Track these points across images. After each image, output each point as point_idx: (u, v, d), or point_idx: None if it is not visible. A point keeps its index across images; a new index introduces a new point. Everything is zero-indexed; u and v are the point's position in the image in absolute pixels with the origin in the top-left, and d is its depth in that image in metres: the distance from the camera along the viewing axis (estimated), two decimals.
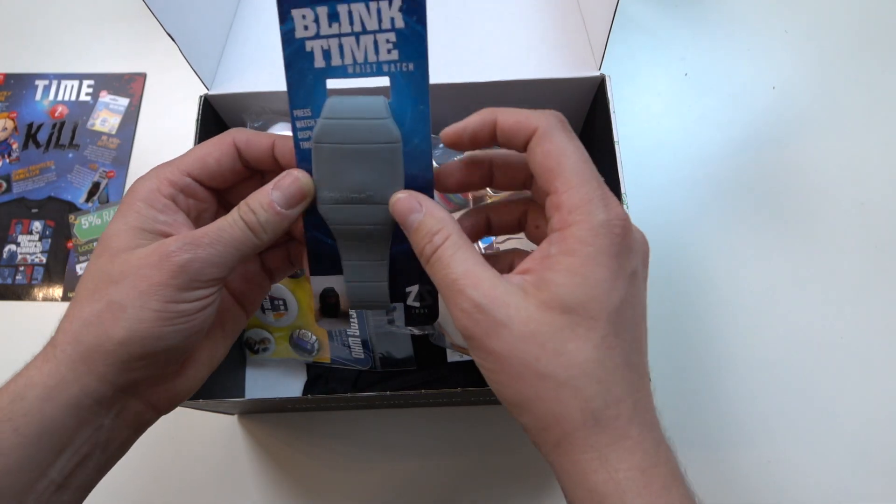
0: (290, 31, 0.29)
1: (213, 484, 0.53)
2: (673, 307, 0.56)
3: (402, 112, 0.30)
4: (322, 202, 0.31)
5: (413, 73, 0.30)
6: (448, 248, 0.28)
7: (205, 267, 0.28)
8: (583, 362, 0.26)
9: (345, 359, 0.54)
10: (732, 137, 0.64)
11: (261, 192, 0.30)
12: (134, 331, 0.27)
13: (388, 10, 0.28)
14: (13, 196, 0.64)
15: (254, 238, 0.30)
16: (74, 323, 0.28)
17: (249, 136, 0.32)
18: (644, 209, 0.59)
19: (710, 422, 0.53)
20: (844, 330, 0.55)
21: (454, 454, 0.53)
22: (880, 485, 0.50)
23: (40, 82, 0.69)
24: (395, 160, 0.30)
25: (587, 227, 0.26)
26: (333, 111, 0.30)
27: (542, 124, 0.29)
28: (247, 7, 0.55)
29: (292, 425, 0.54)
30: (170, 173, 0.31)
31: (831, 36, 0.68)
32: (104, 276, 0.28)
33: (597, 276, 0.26)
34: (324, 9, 0.28)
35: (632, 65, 0.67)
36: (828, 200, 0.60)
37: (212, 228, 0.29)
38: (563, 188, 0.27)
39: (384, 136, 0.30)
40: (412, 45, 0.29)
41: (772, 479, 0.51)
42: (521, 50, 0.50)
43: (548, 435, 0.26)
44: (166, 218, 0.30)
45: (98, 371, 0.27)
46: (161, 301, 0.27)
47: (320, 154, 0.30)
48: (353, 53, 0.29)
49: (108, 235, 0.29)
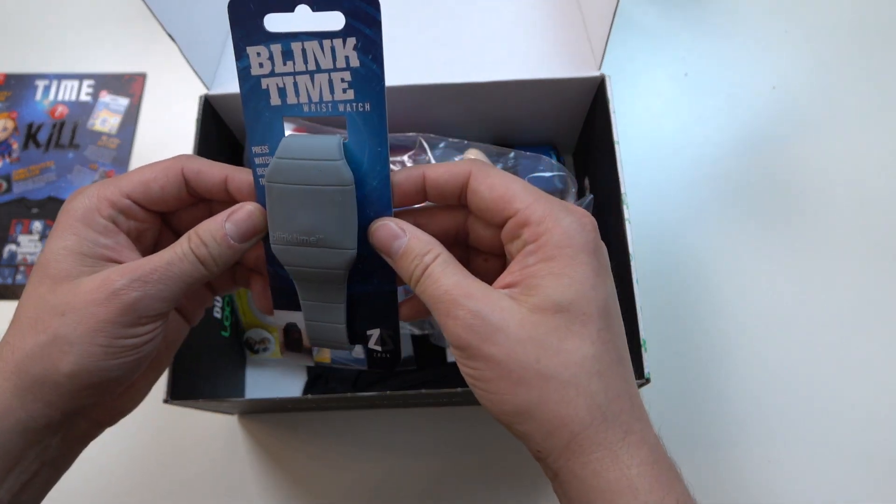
0: (245, 68, 0.29)
1: (213, 484, 0.53)
2: (673, 307, 0.56)
3: (360, 153, 0.29)
4: (274, 242, 0.30)
5: (370, 114, 0.29)
6: (438, 265, 0.28)
7: (153, 303, 0.28)
8: (582, 359, 0.26)
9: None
10: (732, 137, 0.64)
11: (213, 224, 0.29)
12: (81, 365, 0.27)
13: (343, 49, 0.28)
14: (13, 196, 0.64)
15: (203, 270, 0.29)
16: (17, 353, 0.27)
17: (201, 166, 0.31)
18: (644, 209, 0.59)
19: (709, 422, 0.53)
20: (844, 330, 0.55)
21: (454, 454, 0.53)
22: (880, 485, 0.50)
23: (40, 82, 0.69)
24: (347, 204, 0.29)
25: (560, 232, 0.27)
26: (287, 151, 0.29)
27: (473, 167, 0.29)
28: None
29: (292, 425, 0.54)
30: (110, 193, 0.30)
31: (831, 36, 0.68)
32: (47, 306, 0.27)
33: (581, 274, 0.26)
34: (278, 46, 0.28)
35: (632, 65, 0.67)
36: (828, 200, 0.60)
37: (160, 262, 0.28)
38: (523, 206, 0.27)
39: (335, 179, 0.29)
40: (368, 85, 0.28)
41: (772, 479, 0.51)
42: (521, 50, 0.50)
43: (554, 440, 0.26)
44: (107, 241, 0.29)
45: (45, 399, 0.27)
46: (108, 337, 0.27)
47: (272, 193, 0.29)
48: (309, 92, 0.29)
49: (46, 259, 0.28)
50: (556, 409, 0.25)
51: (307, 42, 0.28)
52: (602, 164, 0.48)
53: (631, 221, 0.42)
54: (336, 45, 0.28)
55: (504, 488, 0.51)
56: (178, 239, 0.29)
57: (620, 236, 0.43)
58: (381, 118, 0.29)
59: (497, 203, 0.28)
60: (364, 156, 0.29)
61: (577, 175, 0.59)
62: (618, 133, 0.45)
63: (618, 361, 0.27)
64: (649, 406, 0.28)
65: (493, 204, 0.28)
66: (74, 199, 0.30)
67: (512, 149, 0.51)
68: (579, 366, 0.26)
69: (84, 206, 0.29)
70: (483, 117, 0.53)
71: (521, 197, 0.28)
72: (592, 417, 0.25)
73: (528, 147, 0.53)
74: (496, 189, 0.28)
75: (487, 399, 0.27)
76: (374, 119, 0.29)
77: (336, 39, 0.28)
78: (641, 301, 0.40)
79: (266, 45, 0.28)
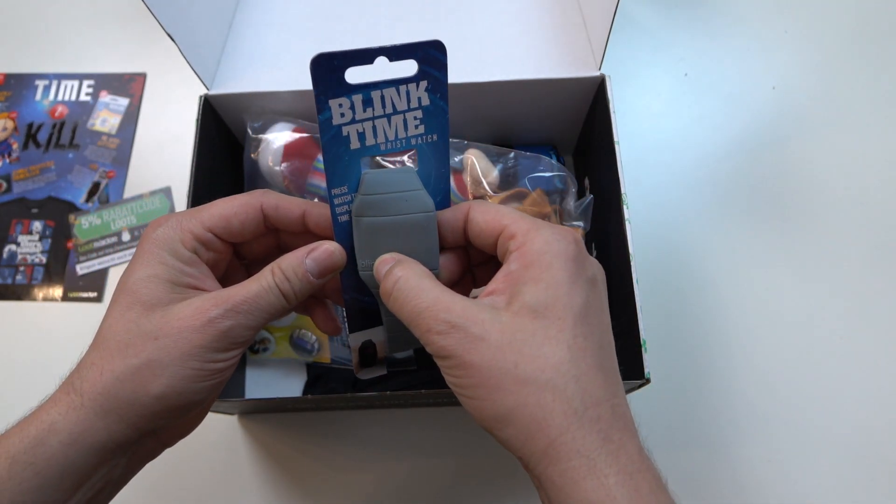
0: (327, 119, 0.30)
1: (213, 484, 0.53)
2: (672, 306, 0.56)
3: (427, 176, 0.33)
4: (363, 269, 0.33)
5: (437, 143, 0.32)
6: (409, 279, 0.30)
7: (242, 331, 0.30)
8: (558, 363, 0.26)
9: (345, 359, 0.54)
10: (732, 137, 0.64)
11: (294, 260, 0.31)
12: (172, 387, 0.28)
13: (416, 91, 0.31)
14: (13, 196, 0.64)
15: (285, 303, 0.31)
16: (105, 375, 0.28)
17: (279, 202, 0.33)
18: (644, 209, 0.59)
19: (709, 421, 0.53)
20: (844, 329, 0.55)
21: (454, 454, 0.53)
22: (880, 484, 0.50)
23: (40, 82, 0.69)
24: (430, 227, 0.32)
25: (541, 241, 0.29)
26: (370, 187, 0.32)
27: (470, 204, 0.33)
28: (247, 7, 0.55)
29: (292, 425, 0.54)
30: (193, 226, 0.32)
31: (831, 36, 0.68)
32: (139, 331, 0.29)
33: (556, 278, 0.28)
34: (359, 96, 0.30)
35: (632, 65, 0.67)
36: (828, 200, 0.60)
37: (249, 294, 0.30)
38: (511, 222, 0.30)
39: (420, 207, 0.32)
40: (436, 119, 0.32)
41: (772, 479, 0.51)
42: (521, 50, 0.50)
43: (533, 445, 0.26)
44: (191, 270, 0.31)
45: (129, 420, 0.28)
46: (200, 361, 0.29)
47: (360, 227, 0.32)
48: (385, 132, 0.31)
49: (136, 285, 0.30)
50: (533, 413, 0.26)
51: (385, 89, 0.30)
52: (602, 164, 0.48)
53: (631, 221, 0.42)
54: (410, 88, 0.31)
55: (504, 488, 0.51)
56: (262, 271, 0.31)
57: (620, 236, 0.43)
58: (445, 144, 0.33)
59: (489, 224, 0.31)
60: (430, 179, 0.33)
61: (577, 175, 0.59)
62: (618, 133, 0.45)
63: (597, 367, 0.27)
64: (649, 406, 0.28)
65: (486, 226, 0.31)
66: (158, 228, 0.32)
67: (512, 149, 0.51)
68: (555, 369, 0.26)
69: (169, 237, 0.31)
70: (483, 117, 0.53)
71: (510, 215, 0.30)
72: (569, 422, 0.25)
73: (528, 147, 0.53)
74: (488, 213, 0.31)
75: (471, 405, 0.28)
76: (441, 146, 0.33)
77: (411, 84, 0.31)
78: (641, 301, 0.40)
79: (348, 97, 0.30)
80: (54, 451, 0.27)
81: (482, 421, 0.27)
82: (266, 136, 0.50)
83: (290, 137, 0.50)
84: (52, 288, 0.61)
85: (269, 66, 0.50)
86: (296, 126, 0.50)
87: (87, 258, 0.61)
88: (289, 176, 0.50)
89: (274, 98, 0.49)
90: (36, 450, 0.27)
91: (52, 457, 0.27)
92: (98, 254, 0.62)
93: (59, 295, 0.60)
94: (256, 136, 0.50)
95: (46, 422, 0.28)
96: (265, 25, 0.53)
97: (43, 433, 0.27)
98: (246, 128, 0.51)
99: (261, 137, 0.50)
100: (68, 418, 0.28)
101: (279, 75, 0.50)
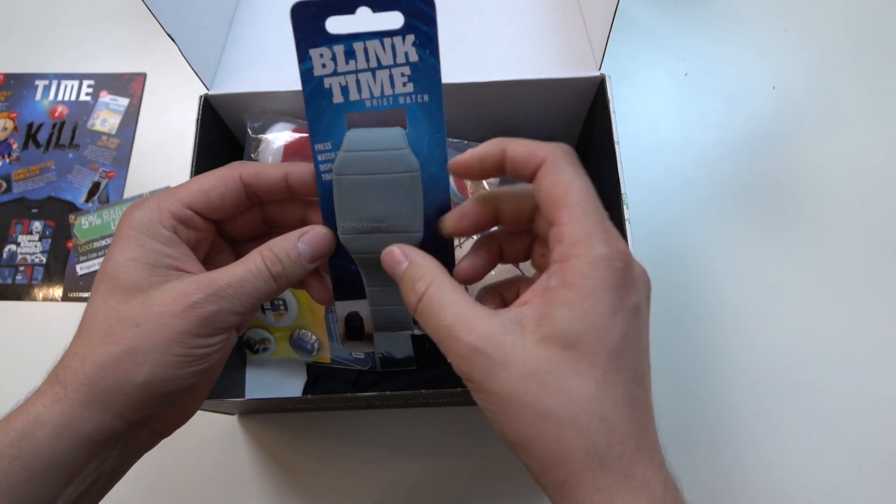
0: (308, 69, 0.30)
1: (213, 484, 0.53)
2: (673, 307, 0.56)
3: (419, 141, 0.31)
4: (343, 232, 0.32)
5: (428, 104, 0.31)
6: (434, 293, 0.28)
7: (227, 316, 0.29)
8: (583, 399, 0.25)
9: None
10: (732, 137, 0.64)
11: (286, 243, 0.31)
12: (156, 374, 0.27)
13: (403, 46, 0.29)
14: (13, 196, 0.64)
15: (274, 286, 0.30)
16: (87, 364, 0.27)
17: (257, 169, 0.32)
18: (644, 209, 0.59)
19: (710, 422, 0.53)
20: (844, 330, 0.55)
21: (454, 454, 0.53)
22: (880, 484, 0.50)
23: (40, 82, 0.69)
24: (415, 188, 0.31)
25: (587, 261, 0.26)
26: (353, 144, 0.31)
27: (550, 156, 0.28)
28: (247, 7, 0.55)
29: (292, 425, 0.54)
30: (171, 204, 0.30)
31: (831, 36, 0.68)
32: (119, 317, 0.28)
33: (596, 309, 0.26)
34: (340, 47, 0.29)
35: (632, 65, 0.67)
36: (828, 200, 0.60)
37: (234, 278, 0.29)
38: (567, 220, 0.27)
39: (403, 166, 0.31)
40: (427, 77, 0.30)
41: (772, 479, 0.51)
42: (521, 50, 0.50)
43: (551, 475, 0.25)
44: (171, 251, 0.30)
45: (115, 410, 0.28)
46: (183, 347, 0.28)
47: (341, 185, 0.31)
48: (370, 88, 0.30)
49: (114, 270, 0.29)
50: (553, 448, 0.25)
51: (369, 41, 0.29)
52: (602, 164, 0.48)
53: (631, 221, 0.42)
54: (396, 42, 0.29)
55: (504, 489, 0.51)
56: (249, 254, 0.30)
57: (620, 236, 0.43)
58: (438, 107, 0.31)
59: (549, 201, 0.27)
60: (423, 144, 0.31)
61: None
62: (618, 133, 0.45)
63: (626, 402, 0.26)
64: None
65: (547, 200, 0.28)
66: (135, 211, 0.30)
67: None
68: (579, 406, 0.25)
69: (146, 218, 0.30)
70: (483, 117, 0.53)
71: (570, 209, 0.27)
72: (589, 460, 0.25)
73: None
74: (556, 186, 0.27)
75: (495, 426, 0.27)
76: (433, 108, 0.31)
77: (396, 37, 0.29)
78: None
79: (329, 47, 0.29)
80: (40, 444, 0.27)
81: (504, 441, 0.27)
82: (266, 136, 0.50)
83: (290, 137, 0.50)
84: (52, 288, 0.61)
85: (269, 66, 0.50)
86: (296, 126, 0.50)
87: (87, 258, 0.61)
88: None
89: (274, 98, 0.49)
90: (21, 443, 0.26)
91: (38, 450, 0.26)
92: (98, 254, 0.62)
93: (59, 295, 0.60)
94: (256, 136, 0.50)
95: (32, 414, 0.27)
96: (265, 25, 0.53)
97: (28, 426, 0.27)
98: (246, 128, 0.51)
99: (261, 137, 0.50)
100: (53, 410, 0.27)
101: (279, 75, 0.50)
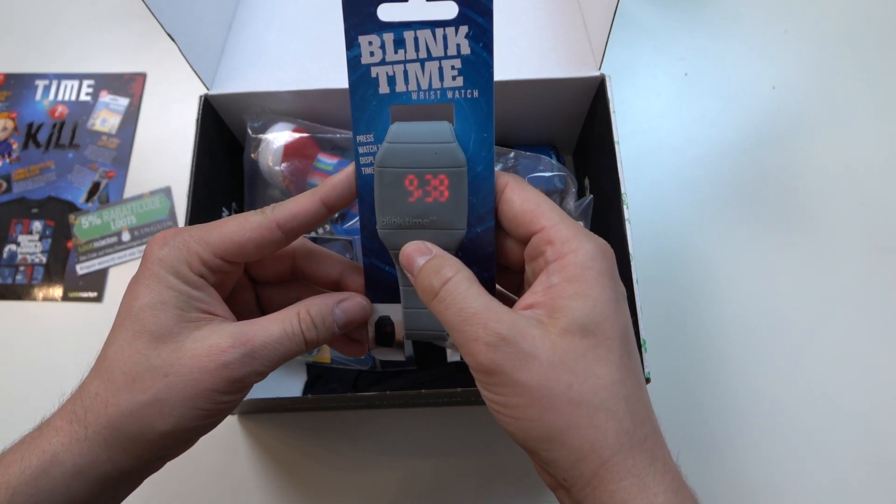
0: (356, 56, 0.29)
1: (213, 484, 0.53)
2: (673, 307, 0.56)
3: (466, 140, 0.30)
4: (382, 227, 0.30)
5: (478, 101, 0.29)
6: (461, 281, 0.28)
7: (255, 376, 0.29)
8: (610, 384, 0.26)
9: (345, 359, 0.54)
10: (732, 137, 0.64)
11: (324, 307, 0.30)
12: (179, 426, 0.28)
13: (455, 37, 0.28)
14: (13, 196, 0.64)
15: (304, 349, 0.30)
16: (111, 409, 0.27)
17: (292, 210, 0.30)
18: (644, 209, 0.59)
19: (710, 421, 0.53)
20: (844, 329, 0.55)
21: (454, 454, 0.53)
22: (880, 484, 0.50)
23: (40, 82, 0.69)
24: (461, 185, 0.30)
25: (584, 254, 0.27)
26: (398, 136, 0.29)
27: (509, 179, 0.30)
28: (247, 7, 0.55)
29: (292, 425, 0.54)
30: (201, 249, 0.29)
31: (831, 36, 0.68)
32: (148, 365, 0.28)
33: (603, 297, 0.27)
34: (390, 35, 0.28)
35: (632, 65, 0.67)
36: (828, 200, 0.60)
37: (270, 339, 0.29)
38: (550, 224, 0.28)
39: (450, 160, 0.29)
40: (477, 72, 0.29)
41: (772, 479, 0.51)
42: (521, 50, 0.50)
43: (583, 466, 0.25)
44: (200, 294, 0.30)
45: (135, 454, 0.28)
46: (209, 402, 0.28)
47: (383, 178, 0.30)
48: (418, 79, 0.29)
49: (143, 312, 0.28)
50: (586, 435, 0.25)
51: (420, 31, 0.28)
52: (602, 164, 0.48)
53: (631, 221, 0.42)
54: (448, 33, 0.28)
55: (504, 489, 0.51)
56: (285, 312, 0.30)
57: (620, 236, 0.43)
58: (488, 104, 0.29)
59: (526, 215, 0.29)
60: (469, 142, 0.30)
61: (577, 175, 0.59)
62: (618, 133, 0.45)
63: (639, 387, 0.27)
64: None
65: (522, 216, 0.29)
66: (164, 247, 0.29)
67: (512, 149, 0.51)
68: (608, 390, 0.26)
69: (174, 258, 0.29)
70: None
71: (549, 216, 0.28)
72: (621, 443, 0.25)
73: (528, 147, 0.53)
74: (528, 201, 0.29)
75: (514, 425, 0.26)
76: (482, 105, 0.29)
77: (448, 28, 0.28)
78: (641, 301, 0.40)
79: (378, 34, 0.28)
80: (57, 483, 0.27)
81: (526, 441, 0.26)
82: (266, 135, 0.50)
83: (290, 137, 0.50)
84: (52, 288, 0.61)
85: (269, 66, 0.50)
86: (296, 126, 0.50)
87: (87, 258, 0.61)
88: (289, 176, 0.50)
89: (274, 98, 0.49)
90: (38, 482, 0.27)
91: (56, 488, 0.27)
92: (98, 254, 0.62)
93: (59, 295, 0.60)
94: (256, 135, 0.50)
95: (49, 452, 0.27)
96: (265, 25, 0.53)
97: (45, 465, 0.27)
98: (246, 128, 0.51)
99: (261, 137, 0.50)
100: (71, 450, 0.27)
101: (279, 75, 0.50)
